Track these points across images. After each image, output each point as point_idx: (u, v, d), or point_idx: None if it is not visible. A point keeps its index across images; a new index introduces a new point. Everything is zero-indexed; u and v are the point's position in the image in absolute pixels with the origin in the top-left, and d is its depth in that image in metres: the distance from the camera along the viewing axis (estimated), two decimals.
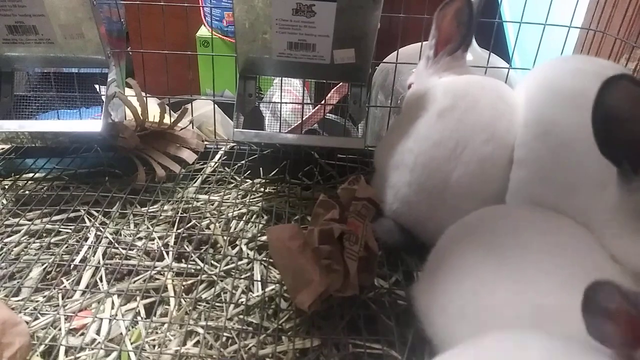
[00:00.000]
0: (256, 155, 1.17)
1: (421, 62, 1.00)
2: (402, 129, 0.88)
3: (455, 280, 0.67)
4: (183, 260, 0.89)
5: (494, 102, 0.84)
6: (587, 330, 0.43)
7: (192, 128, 1.22)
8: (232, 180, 1.13)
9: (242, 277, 0.85)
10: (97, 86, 1.17)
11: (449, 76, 0.93)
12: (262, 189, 1.09)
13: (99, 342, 0.72)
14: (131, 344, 0.72)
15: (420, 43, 1.08)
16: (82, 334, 0.73)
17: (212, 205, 1.03)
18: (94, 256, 0.88)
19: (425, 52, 0.98)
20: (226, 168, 1.16)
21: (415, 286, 0.75)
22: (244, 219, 1.00)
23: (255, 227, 0.97)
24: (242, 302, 0.80)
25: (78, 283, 0.82)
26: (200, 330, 0.74)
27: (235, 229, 0.98)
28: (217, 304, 0.80)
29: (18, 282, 0.82)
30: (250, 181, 1.12)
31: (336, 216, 0.74)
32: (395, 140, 0.88)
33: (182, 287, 0.82)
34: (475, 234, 0.71)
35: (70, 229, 0.94)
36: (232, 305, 0.79)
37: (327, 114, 1.29)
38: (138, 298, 0.79)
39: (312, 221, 0.77)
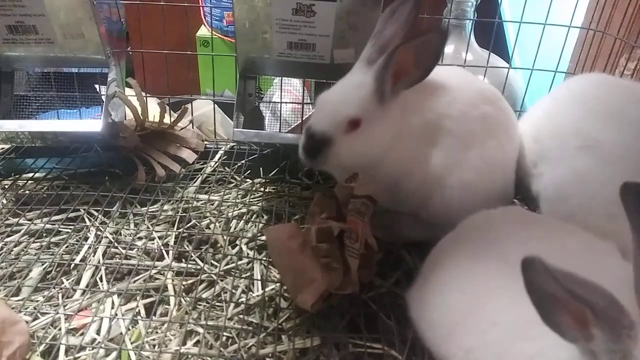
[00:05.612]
0: (256, 155, 1.17)
1: (367, 95, 0.79)
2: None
3: (444, 296, 0.66)
4: (183, 260, 0.89)
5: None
6: (542, 320, 0.43)
7: (192, 128, 1.22)
8: (232, 180, 1.13)
9: (242, 276, 0.85)
10: (97, 86, 1.17)
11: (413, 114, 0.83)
12: (262, 189, 1.09)
13: (99, 342, 0.71)
14: (131, 343, 0.72)
15: None
16: (82, 333, 0.73)
17: (212, 205, 1.03)
18: (94, 256, 0.88)
19: (367, 83, 0.79)
20: (226, 168, 1.16)
21: (410, 292, 0.74)
22: (244, 218, 1.00)
23: (255, 226, 0.97)
24: (242, 301, 0.80)
25: (78, 283, 0.82)
26: (200, 330, 0.74)
27: (235, 228, 0.98)
28: (217, 304, 0.80)
29: (18, 282, 0.82)
30: (250, 181, 1.12)
31: (333, 214, 0.74)
32: None
33: (182, 287, 0.82)
34: (466, 244, 0.70)
35: (70, 228, 0.94)
36: (232, 305, 0.79)
37: None
38: (138, 298, 0.79)
39: (309, 220, 0.78)
